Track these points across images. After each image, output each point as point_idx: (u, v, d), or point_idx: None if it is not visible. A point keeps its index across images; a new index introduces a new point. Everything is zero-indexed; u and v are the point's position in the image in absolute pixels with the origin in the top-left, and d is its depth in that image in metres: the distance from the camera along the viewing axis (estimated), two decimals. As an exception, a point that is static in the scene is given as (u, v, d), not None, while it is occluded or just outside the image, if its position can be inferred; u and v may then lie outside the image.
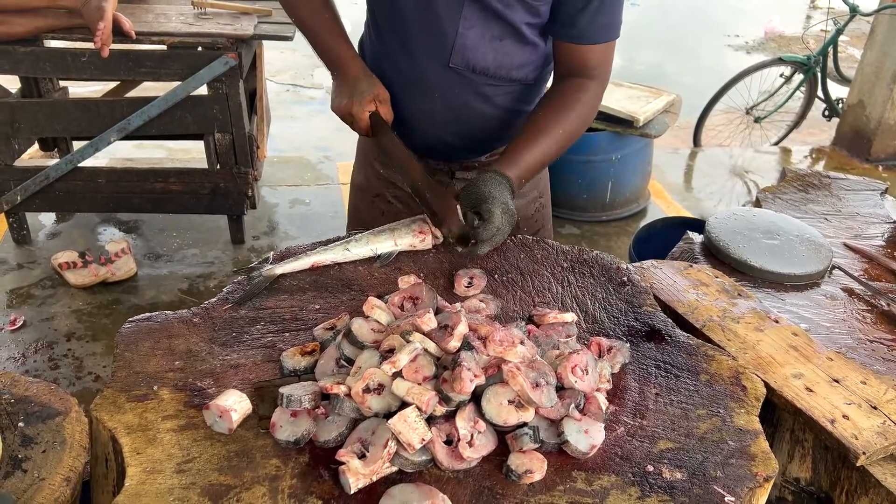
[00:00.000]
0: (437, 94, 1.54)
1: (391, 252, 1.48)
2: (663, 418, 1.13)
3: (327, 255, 1.46)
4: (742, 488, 1.01)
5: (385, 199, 1.76)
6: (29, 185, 3.11)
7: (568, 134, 1.48)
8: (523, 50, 1.50)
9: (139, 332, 1.26)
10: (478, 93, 1.53)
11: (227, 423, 1.06)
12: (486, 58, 1.48)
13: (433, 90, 1.53)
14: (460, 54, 1.47)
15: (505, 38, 1.46)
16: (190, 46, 2.93)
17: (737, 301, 1.49)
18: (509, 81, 1.54)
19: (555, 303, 1.40)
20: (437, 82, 1.52)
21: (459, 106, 1.55)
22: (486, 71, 1.50)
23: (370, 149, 1.77)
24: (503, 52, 1.48)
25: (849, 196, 2.06)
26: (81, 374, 2.69)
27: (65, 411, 1.15)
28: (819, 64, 4.80)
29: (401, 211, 1.72)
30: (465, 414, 1.05)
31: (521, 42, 1.48)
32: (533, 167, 1.46)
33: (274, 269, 1.41)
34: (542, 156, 1.46)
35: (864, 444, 1.14)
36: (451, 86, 1.52)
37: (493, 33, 1.45)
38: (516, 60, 1.51)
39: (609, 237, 3.79)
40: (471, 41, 1.45)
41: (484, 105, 1.56)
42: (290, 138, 4.86)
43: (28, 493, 1.02)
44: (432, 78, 1.52)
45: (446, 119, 1.57)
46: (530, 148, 1.45)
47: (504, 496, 0.99)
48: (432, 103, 1.55)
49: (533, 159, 1.44)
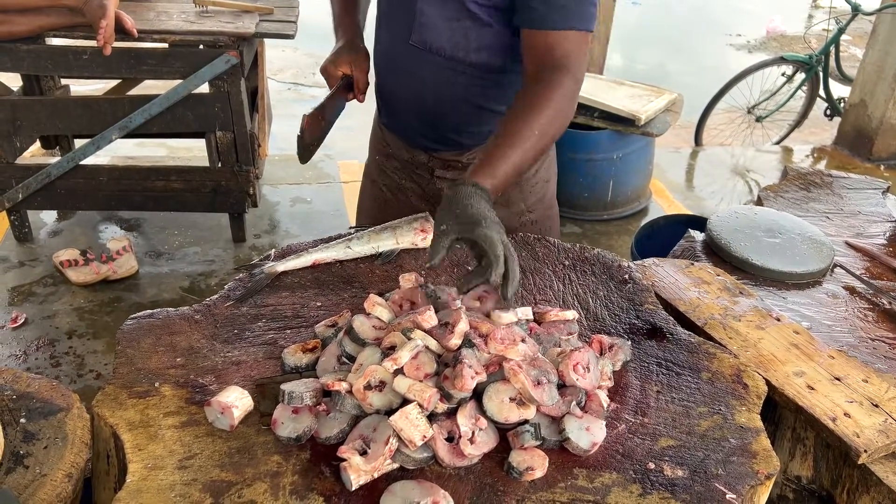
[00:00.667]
0: (403, 72, 1.57)
1: (392, 250, 1.48)
2: (664, 416, 1.13)
3: (329, 252, 1.46)
4: (743, 486, 1.01)
5: (378, 187, 1.80)
6: (30, 183, 3.11)
7: (544, 134, 1.35)
8: (480, 32, 1.46)
9: (141, 328, 1.26)
10: (438, 75, 1.53)
11: (228, 420, 1.06)
12: (441, 36, 1.48)
13: (400, 69, 1.58)
14: (418, 32, 1.49)
15: (462, 18, 1.45)
16: (191, 44, 2.93)
17: (738, 299, 1.49)
18: (468, 65, 1.50)
19: (556, 300, 1.40)
20: (402, 61, 1.56)
21: (421, 88, 1.56)
22: (441, 50, 1.49)
23: (373, 134, 1.82)
24: (460, 32, 1.47)
25: (850, 194, 2.06)
26: (83, 372, 2.69)
27: (66, 407, 1.16)
28: (821, 63, 4.79)
29: (389, 200, 1.76)
30: (467, 411, 1.05)
31: (478, 23, 1.45)
32: (510, 175, 1.33)
33: (276, 267, 1.41)
34: (519, 161, 1.33)
35: (866, 442, 1.14)
36: (412, 65, 1.54)
37: (450, 13, 1.45)
38: (473, 43, 1.48)
39: (610, 236, 3.79)
40: (428, 18, 1.47)
41: (444, 90, 1.54)
42: (291, 137, 4.82)
43: (30, 489, 1.02)
44: (399, 56, 1.56)
45: (409, 100, 1.61)
46: (506, 154, 1.32)
47: (505, 493, 0.99)
48: (397, 82, 1.61)
49: (509, 166, 1.31)
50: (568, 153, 3.61)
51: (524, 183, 1.68)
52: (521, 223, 1.72)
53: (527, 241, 1.57)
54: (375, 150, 1.81)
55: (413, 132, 1.66)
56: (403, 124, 1.68)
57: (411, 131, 1.67)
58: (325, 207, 3.89)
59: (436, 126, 1.62)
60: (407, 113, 1.64)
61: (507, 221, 1.64)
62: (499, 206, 1.62)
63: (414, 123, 1.64)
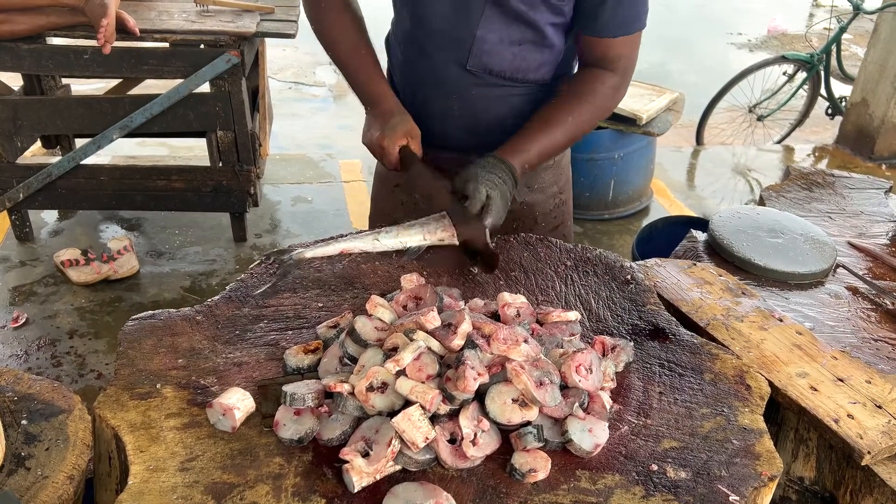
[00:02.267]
0: (455, 95, 1.55)
1: (420, 246, 1.47)
2: (667, 417, 1.13)
3: (356, 243, 1.44)
4: (747, 488, 1.01)
5: (404, 190, 1.76)
6: (31, 183, 3.11)
7: (579, 124, 1.48)
8: (541, 52, 1.50)
9: (142, 329, 1.25)
10: (494, 95, 1.54)
11: (230, 422, 1.06)
12: (503, 61, 1.49)
13: (450, 91, 1.54)
14: (478, 57, 1.48)
15: (524, 41, 1.47)
16: (192, 44, 2.92)
17: (741, 300, 1.48)
18: (526, 83, 1.54)
19: (558, 301, 1.40)
20: (454, 84, 1.53)
21: (475, 107, 1.56)
22: (502, 73, 1.50)
23: None
24: (521, 55, 1.49)
25: (853, 194, 2.06)
26: (84, 372, 2.69)
27: (68, 409, 1.15)
28: (822, 62, 4.78)
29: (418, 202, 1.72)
30: (469, 413, 1.05)
31: (541, 44, 1.48)
32: (539, 154, 1.45)
33: (304, 253, 1.40)
34: (550, 144, 1.46)
35: (869, 444, 1.14)
36: (467, 87, 1.53)
37: (513, 37, 1.46)
38: (534, 63, 1.51)
39: (611, 235, 3.79)
40: (489, 44, 1.46)
41: (500, 106, 1.56)
42: (292, 136, 4.85)
43: (31, 490, 1.02)
44: (450, 79, 1.53)
45: (462, 119, 1.58)
46: (537, 136, 1.44)
47: (508, 495, 0.99)
48: (449, 103, 1.57)
49: (539, 147, 1.44)
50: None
51: (556, 166, 1.72)
52: (554, 205, 1.76)
53: (528, 241, 1.57)
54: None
55: (454, 143, 1.64)
56: (446, 139, 1.64)
57: (451, 141, 1.64)
58: (327, 207, 3.89)
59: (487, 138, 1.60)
60: (454, 129, 1.61)
61: (543, 205, 1.74)
62: (534, 192, 1.69)
63: (460, 137, 1.61)
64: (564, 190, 1.80)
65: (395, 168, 1.56)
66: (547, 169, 1.70)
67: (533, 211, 1.71)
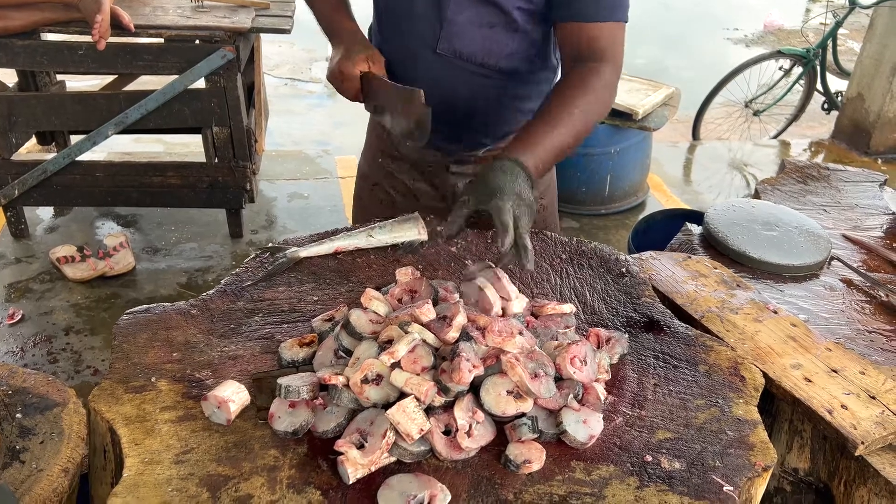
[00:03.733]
0: (426, 79, 1.53)
1: (414, 240, 1.47)
2: (662, 408, 1.13)
3: (351, 240, 1.45)
4: (741, 478, 1.01)
5: (383, 189, 1.77)
6: (27, 179, 3.11)
7: (585, 119, 1.38)
8: (513, 38, 1.47)
9: (137, 323, 1.25)
10: (465, 82, 1.52)
11: (225, 414, 1.06)
12: (473, 44, 1.47)
13: (420, 76, 1.53)
14: (447, 40, 1.46)
15: (495, 24, 1.45)
16: (187, 40, 2.92)
17: (735, 292, 1.49)
18: (498, 71, 1.52)
19: (553, 294, 1.40)
20: (426, 68, 1.52)
21: (447, 94, 1.54)
22: (472, 57, 1.48)
23: (375, 137, 1.78)
24: (492, 39, 1.46)
25: (848, 187, 2.06)
26: (80, 368, 2.69)
27: (63, 402, 1.15)
28: (818, 57, 4.79)
29: (398, 202, 1.73)
30: (464, 404, 1.05)
31: (512, 30, 1.46)
32: (551, 153, 1.34)
33: (298, 252, 1.41)
34: (560, 141, 1.35)
35: (863, 434, 1.14)
36: (439, 72, 1.51)
37: (483, 19, 1.44)
38: (505, 49, 1.49)
39: (608, 230, 3.79)
40: (458, 27, 1.44)
41: (471, 94, 1.54)
42: (288, 132, 4.85)
43: (26, 483, 1.02)
44: (421, 64, 1.52)
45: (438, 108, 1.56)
46: (547, 132, 1.34)
47: (502, 486, 0.99)
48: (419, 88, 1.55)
49: (550, 145, 1.33)
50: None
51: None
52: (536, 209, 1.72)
53: (524, 234, 1.57)
54: (379, 154, 1.77)
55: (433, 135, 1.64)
56: None
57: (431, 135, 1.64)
58: (323, 203, 3.88)
59: (460, 129, 1.60)
60: None
61: None
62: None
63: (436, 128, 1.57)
64: (546, 195, 1.75)
65: (356, 97, 1.51)
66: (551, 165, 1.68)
67: None
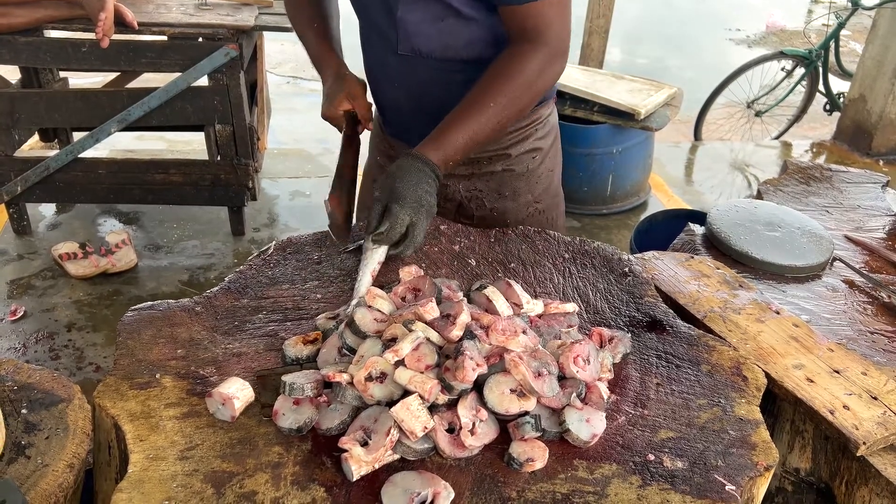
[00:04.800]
0: (397, 82, 1.55)
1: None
2: (664, 408, 1.13)
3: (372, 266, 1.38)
4: (743, 477, 1.01)
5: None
6: (29, 176, 3.11)
7: (504, 106, 1.38)
8: (467, 27, 1.44)
9: (141, 320, 1.26)
10: (434, 79, 1.51)
11: (229, 411, 1.06)
12: (429, 40, 1.45)
13: (392, 79, 1.55)
14: (405, 40, 1.47)
15: (446, 17, 1.42)
16: (190, 37, 2.92)
17: (738, 292, 1.49)
18: (461, 63, 1.49)
19: (556, 293, 1.40)
20: (394, 71, 1.53)
21: (420, 94, 1.54)
22: (431, 54, 1.47)
23: (375, 136, 1.80)
24: (446, 31, 1.44)
25: (850, 188, 2.06)
26: (82, 365, 2.69)
27: (68, 398, 1.16)
28: (820, 58, 4.79)
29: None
30: (467, 402, 1.05)
31: (462, 19, 1.43)
32: (463, 146, 1.38)
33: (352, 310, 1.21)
34: (474, 133, 1.38)
35: (865, 435, 1.14)
36: (406, 73, 1.52)
37: (434, 13, 1.42)
38: (461, 40, 1.46)
39: (609, 230, 3.79)
40: (412, 25, 1.44)
41: (442, 91, 1.52)
42: (290, 130, 4.85)
43: (32, 479, 1.03)
44: (390, 67, 1.54)
45: (410, 107, 1.58)
46: (458, 125, 1.37)
47: (506, 484, 1.00)
48: (395, 92, 1.58)
49: (464, 139, 1.37)
50: (567, 147, 3.58)
51: (530, 175, 1.68)
52: (528, 214, 1.72)
53: (527, 234, 1.57)
54: (378, 153, 1.79)
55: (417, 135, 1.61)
56: (405, 129, 1.65)
57: (415, 134, 1.60)
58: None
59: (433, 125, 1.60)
60: (408, 118, 1.61)
61: (515, 213, 1.70)
62: (506, 200, 1.67)
63: (417, 127, 1.57)
64: (542, 199, 1.73)
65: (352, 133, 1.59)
66: (518, 176, 1.66)
67: (504, 218, 1.68)
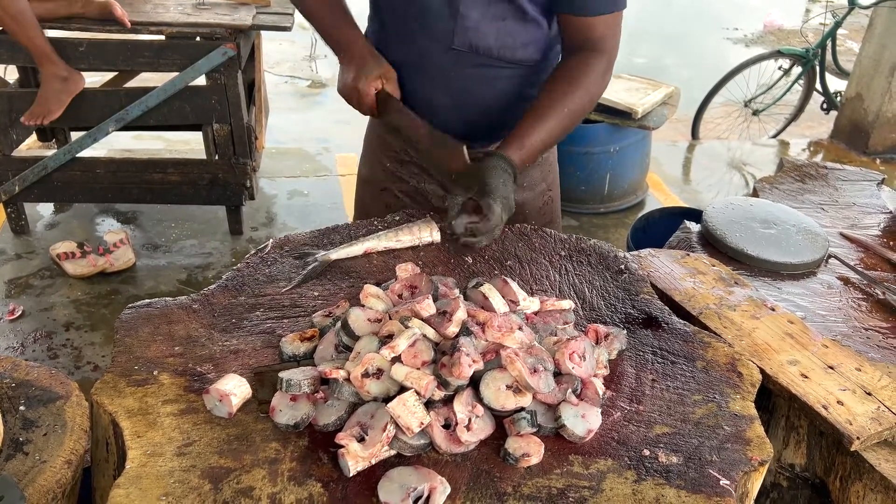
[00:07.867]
0: (438, 79, 1.53)
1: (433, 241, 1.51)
2: (660, 404, 1.14)
3: (380, 241, 1.48)
4: (737, 472, 1.02)
5: (392, 194, 1.74)
6: (27, 176, 3.11)
7: (574, 112, 1.47)
8: (526, 28, 1.48)
9: (139, 317, 1.26)
10: (480, 76, 1.52)
11: (226, 408, 1.07)
12: (488, 37, 1.47)
13: (434, 75, 1.53)
14: (463, 35, 1.46)
15: (507, 16, 1.45)
16: (188, 37, 2.92)
17: (733, 289, 1.50)
18: (513, 63, 1.52)
19: (553, 290, 1.41)
20: (437, 66, 1.52)
21: (461, 91, 1.54)
22: (489, 51, 1.49)
23: (378, 142, 1.76)
24: (506, 31, 1.47)
25: (846, 186, 2.07)
26: (80, 364, 2.70)
27: (65, 395, 1.16)
28: (817, 57, 4.79)
29: (407, 205, 1.71)
30: (464, 398, 1.06)
31: (523, 20, 1.47)
32: (537, 148, 1.46)
33: (329, 255, 1.44)
34: (548, 136, 1.46)
35: (859, 430, 1.15)
36: (452, 69, 1.51)
37: (495, 12, 1.44)
38: (519, 39, 1.49)
39: (607, 229, 3.80)
40: (472, 21, 1.45)
41: (486, 90, 1.55)
42: (288, 130, 4.85)
43: (30, 475, 1.03)
44: (433, 62, 1.52)
45: (448, 105, 1.56)
46: (536, 128, 1.44)
47: (501, 479, 1.00)
48: (433, 89, 1.55)
49: (538, 141, 1.44)
50: (565, 146, 3.59)
51: (544, 163, 1.71)
52: (543, 202, 1.76)
53: (524, 231, 1.58)
54: (385, 158, 1.74)
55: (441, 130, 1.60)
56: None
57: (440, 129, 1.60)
58: (322, 200, 3.89)
59: (475, 124, 1.60)
60: (443, 116, 1.58)
61: (533, 203, 1.74)
62: (524, 190, 1.69)
63: (449, 125, 1.56)
64: (553, 187, 1.79)
65: (371, 113, 1.57)
66: (535, 166, 1.69)
67: (523, 209, 1.70)
